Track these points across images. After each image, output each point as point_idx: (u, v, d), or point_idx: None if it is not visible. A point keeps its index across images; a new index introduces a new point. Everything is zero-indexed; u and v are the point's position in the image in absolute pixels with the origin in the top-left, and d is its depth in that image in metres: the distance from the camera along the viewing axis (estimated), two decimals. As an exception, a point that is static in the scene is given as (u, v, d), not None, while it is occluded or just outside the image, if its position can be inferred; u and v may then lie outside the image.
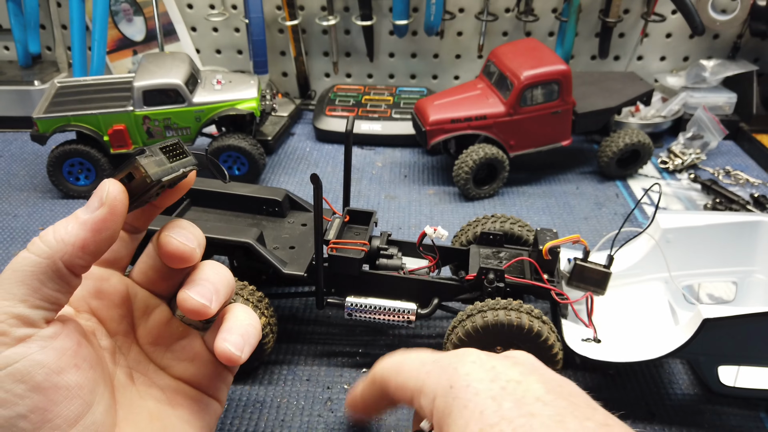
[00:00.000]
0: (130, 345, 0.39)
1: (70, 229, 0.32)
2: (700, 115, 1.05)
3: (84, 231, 0.32)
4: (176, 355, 0.40)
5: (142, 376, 0.39)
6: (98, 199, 0.33)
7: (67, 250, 0.31)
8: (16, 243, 0.83)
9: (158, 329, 0.40)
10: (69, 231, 0.32)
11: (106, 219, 0.32)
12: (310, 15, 1.20)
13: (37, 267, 0.31)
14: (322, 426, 0.56)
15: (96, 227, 0.32)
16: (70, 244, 0.31)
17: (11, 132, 1.13)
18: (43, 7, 1.17)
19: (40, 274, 0.31)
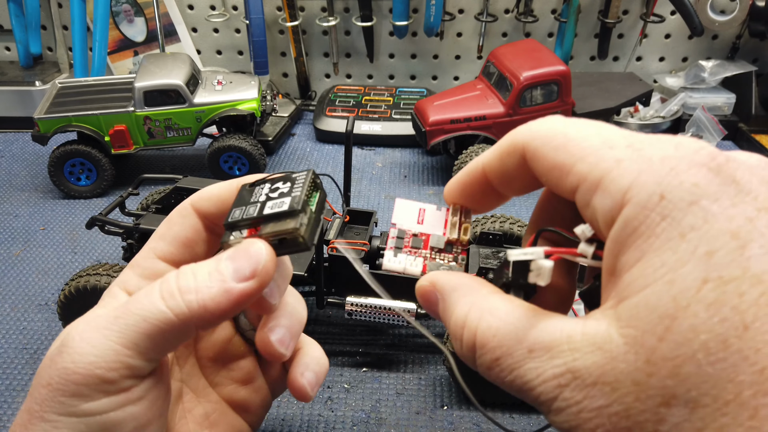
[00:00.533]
0: (188, 356, 0.38)
1: (215, 295, 0.28)
2: (699, 116, 1.06)
3: (228, 301, 0.28)
4: (231, 374, 0.38)
5: (191, 393, 0.37)
6: (252, 269, 0.28)
7: (206, 317, 0.28)
8: (17, 243, 0.83)
9: (221, 344, 0.38)
10: (213, 298, 0.28)
11: (253, 294, 0.29)
12: (311, 16, 1.21)
13: (169, 326, 0.28)
14: (323, 425, 0.56)
15: (241, 301, 0.28)
16: (210, 312, 0.28)
17: (12, 132, 1.14)
18: (44, 7, 1.18)
19: (170, 333, 0.28)
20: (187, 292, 0.28)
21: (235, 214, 0.31)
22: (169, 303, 0.28)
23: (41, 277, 0.77)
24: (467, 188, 0.31)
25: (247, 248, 0.29)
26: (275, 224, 0.29)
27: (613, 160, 0.22)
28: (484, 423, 0.57)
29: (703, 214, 0.20)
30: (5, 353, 0.65)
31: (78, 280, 0.59)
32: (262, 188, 0.32)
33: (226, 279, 0.28)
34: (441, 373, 0.62)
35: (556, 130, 0.25)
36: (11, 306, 0.72)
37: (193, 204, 0.34)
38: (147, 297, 0.28)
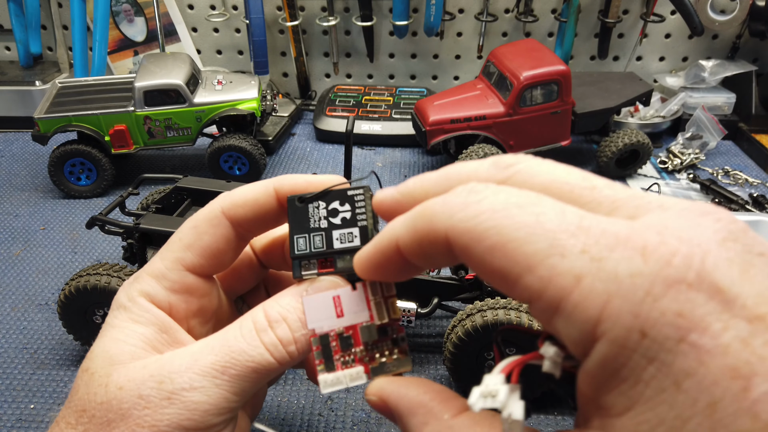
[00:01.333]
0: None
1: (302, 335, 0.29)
2: (699, 115, 1.06)
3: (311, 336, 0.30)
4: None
5: None
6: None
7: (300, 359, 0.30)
8: (17, 243, 0.83)
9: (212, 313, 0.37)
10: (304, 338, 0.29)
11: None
12: (311, 16, 1.21)
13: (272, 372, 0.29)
14: (323, 425, 0.56)
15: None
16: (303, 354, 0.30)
17: (12, 132, 1.14)
18: (44, 7, 1.18)
19: (271, 376, 0.29)
20: (288, 344, 0.29)
21: (300, 245, 0.30)
22: (275, 355, 0.29)
23: (41, 276, 0.77)
24: (381, 266, 0.26)
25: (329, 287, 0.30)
26: (349, 260, 0.29)
27: (570, 277, 0.18)
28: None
29: (695, 354, 0.17)
30: (5, 353, 0.65)
31: (78, 279, 0.59)
32: (317, 208, 0.30)
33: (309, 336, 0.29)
34: (441, 373, 0.62)
35: (484, 221, 0.20)
36: (11, 306, 0.72)
37: (225, 211, 0.32)
38: (252, 347, 0.28)
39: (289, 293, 0.30)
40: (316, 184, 0.31)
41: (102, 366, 0.28)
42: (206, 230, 0.32)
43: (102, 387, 0.28)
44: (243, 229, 0.32)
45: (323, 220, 0.30)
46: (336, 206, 0.30)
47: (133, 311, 0.31)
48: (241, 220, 0.32)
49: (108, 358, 0.29)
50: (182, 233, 0.32)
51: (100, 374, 0.28)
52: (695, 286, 0.17)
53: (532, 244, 0.19)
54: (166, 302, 0.31)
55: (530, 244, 0.19)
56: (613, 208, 0.21)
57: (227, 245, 0.32)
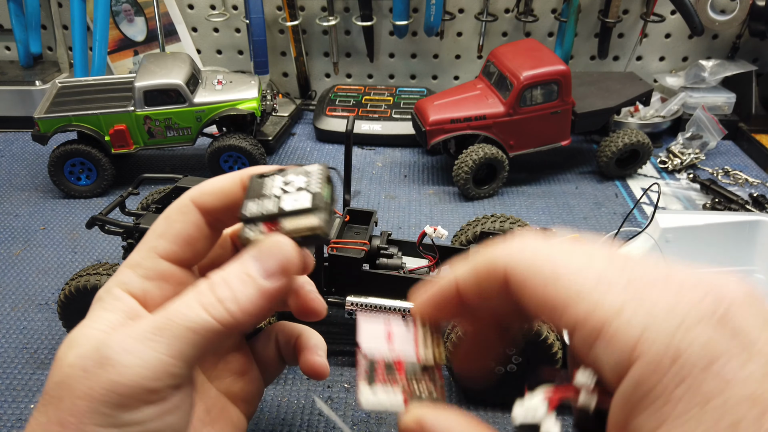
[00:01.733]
0: None
1: (252, 298, 0.29)
2: (699, 115, 1.06)
3: (265, 301, 0.29)
4: (228, 366, 0.38)
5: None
6: (280, 266, 0.29)
7: (248, 321, 0.29)
8: (17, 243, 0.83)
9: None
10: (252, 301, 0.29)
11: (285, 289, 0.30)
12: (311, 15, 1.21)
13: (214, 334, 0.28)
14: (323, 425, 0.56)
15: (275, 297, 0.29)
16: (253, 315, 0.29)
17: (12, 132, 1.14)
18: (44, 7, 1.18)
19: (215, 340, 0.28)
20: (227, 300, 0.29)
21: (251, 208, 0.30)
22: (213, 313, 0.28)
23: (41, 276, 0.77)
24: (439, 305, 0.29)
25: (272, 247, 0.29)
26: (297, 220, 0.29)
27: (613, 307, 0.21)
28: (484, 422, 0.57)
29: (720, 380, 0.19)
30: (5, 353, 0.65)
31: (78, 279, 0.59)
32: (274, 180, 0.31)
33: (258, 281, 0.29)
34: (441, 373, 0.62)
35: (541, 257, 0.24)
36: (11, 305, 0.72)
37: (193, 199, 0.33)
38: (189, 308, 0.28)
39: (234, 259, 0.30)
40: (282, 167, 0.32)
41: (64, 351, 0.29)
42: (176, 218, 0.33)
43: (57, 368, 0.29)
44: (212, 218, 0.33)
45: (278, 189, 0.30)
46: (292, 178, 0.31)
47: (105, 301, 0.31)
48: (209, 207, 0.32)
49: (70, 342, 0.29)
50: (156, 224, 0.33)
51: (59, 357, 0.29)
52: (721, 325, 0.20)
53: (582, 277, 0.22)
54: (140, 290, 0.32)
55: (581, 277, 0.22)
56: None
57: (198, 232, 0.33)
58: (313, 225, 0.29)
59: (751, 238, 0.68)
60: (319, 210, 0.29)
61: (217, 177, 0.33)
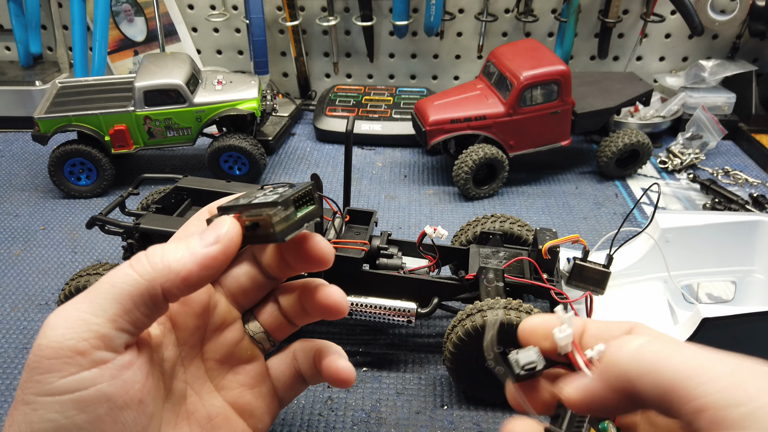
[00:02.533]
0: (193, 358, 0.36)
1: (180, 257, 0.30)
2: (699, 115, 1.06)
3: (192, 263, 0.30)
4: (238, 378, 0.37)
5: (195, 395, 0.36)
6: (216, 236, 0.31)
7: (170, 277, 0.29)
8: (17, 243, 0.83)
9: (229, 347, 0.37)
10: (178, 259, 0.30)
11: (216, 257, 0.31)
12: (311, 16, 1.21)
13: (135, 287, 0.29)
14: (323, 425, 0.56)
15: (205, 263, 0.30)
16: (175, 272, 0.29)
17: (12, 132, 1.14)
18: (44, 7, 1.18)
19: (137, 295, 0.29)
20: (153, 256, 0.30)
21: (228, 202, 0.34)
22: (135, 267, 0.29)
23: (41, 276, 0.77)
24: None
25: (216, 222, 0.32)
26: (256, 210, 0.32)
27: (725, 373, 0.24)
28: (484, 422, 0.57)
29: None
30: (5, 353, 0.65)
31: (78, 279, 0.59)
32: (265, 189, 0.34)
33: (192, 245, 0.31)
34: (441, 373, 0.62)
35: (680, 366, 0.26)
36: (11, 306, 0.72)
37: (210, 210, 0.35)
38: (116, 269, 0.30)
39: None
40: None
41: None
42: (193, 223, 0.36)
43: None
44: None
45: (261, 193, 0.34)
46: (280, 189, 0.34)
47: None
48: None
49: None
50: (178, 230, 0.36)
51: None
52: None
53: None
54: None
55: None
56: None
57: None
58: (263, 214, 0.31)
59: (751, 239, 0.68)
60: (276, 204, 0.31)
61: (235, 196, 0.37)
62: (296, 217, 0.32)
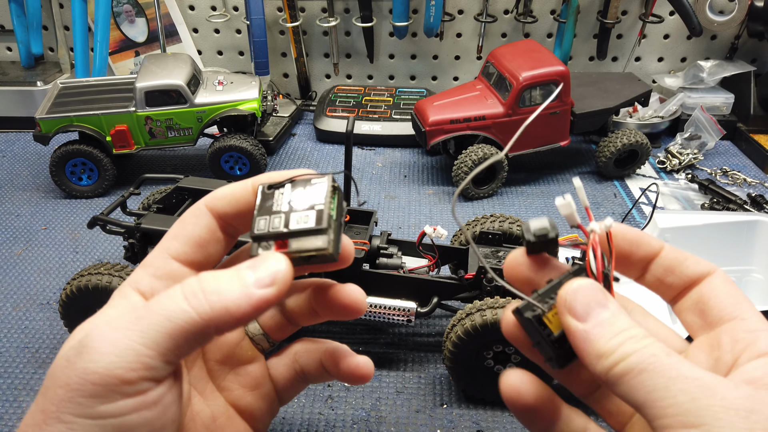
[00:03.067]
0: (195, 359, 0.37)
1: (237, 299, 0.29)
2: (697, 116, 1.06)
3: (248, 305, 0.29)
4: (239, 379, 0.38)
5: (198, 395, 0.36)
6: (272, 277, 0.29)
7: (227, 320, 0.28)
8: (19, 242, 0.83)
9: (229, 347, 0.37)
10: (235, 301, 0.29)
11: (270, 301, 0.29)
12: (311, 17, 1.21)
13: (192, 326, 0.28)
14: (323, 423, 0.56)
15: (259, 306, 0.29)
16: (232, 315, 0.28)
17: (14, 132, 1.14)
18: (45, 8, 1.18)
19: (191, 334, 0.28)
20: (210, 293, 0.28)
21: (260, 225, 0.31)
22: (192, 302, 0.28)
23: (43, 276, 0.77)
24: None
25: (268, 258, 0.30)
26: (303, 241, 0.30)
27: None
28: (484, 421, 0.57)
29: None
30: (7, 352, 0.65)
31: (80, 279, 0.59)
32: (282, 193, 0.32)
33: (248, 284, 0.29)
34: (441, 372, 0.63)
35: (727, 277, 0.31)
36: (13, 305, 0.72)
37: (207, 204, 0.33)
38: (169, 298, 0.28)
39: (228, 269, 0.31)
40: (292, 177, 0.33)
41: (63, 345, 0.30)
42: (190, 221, 0.33)
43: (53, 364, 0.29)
44: (224, 222, 0.34)
45: (285, 204, 0.31)
46: (300, 191, 0.31)
47: (114, 299, 0.32)
48: (221, 211, 0.33)
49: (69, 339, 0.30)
50: (171, 227, 0.34)
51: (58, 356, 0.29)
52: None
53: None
54: (148, 287, 0.32)
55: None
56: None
57: (210, 235, 0.33)
58: (318, 247, 0.30)
59: (750, 238, 0.69)
60: (323, 231, 0.30)
61: (232, 183, 0.34)
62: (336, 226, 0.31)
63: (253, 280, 0.29)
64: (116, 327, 0.28)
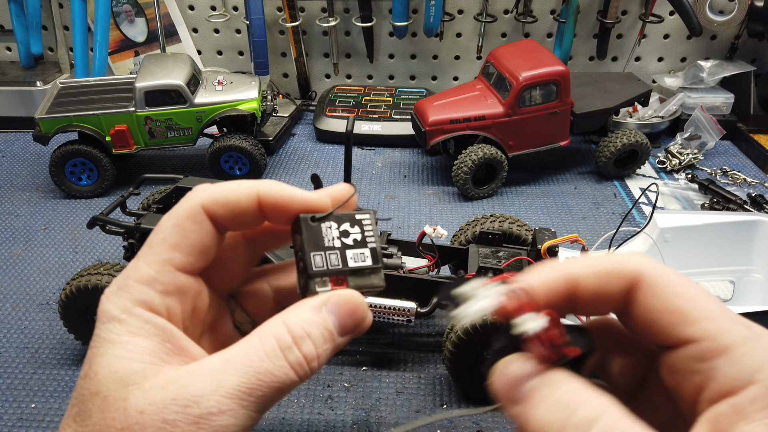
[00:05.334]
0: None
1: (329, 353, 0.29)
2: (697, 116, 1.06)
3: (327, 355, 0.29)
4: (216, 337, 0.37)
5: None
6: (356, 324, 0.30)
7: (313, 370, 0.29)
8: (19, 242, 0.83)
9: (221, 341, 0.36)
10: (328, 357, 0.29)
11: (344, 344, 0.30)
12: (311, 16, 1.21)
13: (288, 390, 0.28)
14: (323, 424, 0.56)
15: (337, 350, 0.30)
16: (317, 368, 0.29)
17: (13, 132, 1.14)
18: (45, 8, 1.18)
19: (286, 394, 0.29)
20: (312, 360, 0.29)
21: (317, 262, 0.31)
22: (299, 373, 0.28)
23: (42, 276, 0.77)
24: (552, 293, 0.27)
25: (349, 303, 0.30)
26: (360, 279, 0.31)
27: (739, 336, 0.25)
28: (483, 422, 0.57)
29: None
30: (6, 352, 0.65)
31: (79, 279, 0.59)
32: (330, 228, 0.32)
33: (336, 338, 0.29)
34: (441, 372, 0.63)
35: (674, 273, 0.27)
36: (12, 305, 0.72)
37: (205, 207, 0.31)
38: (278, 368, 0.28)
39: (307, 307, 0.30)
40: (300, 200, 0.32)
41: (115, 389, 0.27)
42: (191, 228, 0.31)
43: (120, 412, 0.27)
44: (220, 226, 0.32)
45: (336, 240, 0.32)
46: (347, 228, 0.32)
47: (130, 323, 0.29)
48: (220, 218, 0.31)
49: (119, 379, 0.28)
50: (165, 233, 0.31)
51: (114, 398, 0.27)
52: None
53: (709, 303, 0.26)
54: (163, 307, 0.30)
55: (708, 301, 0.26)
56: None
57: (212, 240, 0.32)
58: (376, 284, 0.31)
59: (750, 238, 0.69)
60: (378, 269, 0.31)
61: (230, 185, 0.32)
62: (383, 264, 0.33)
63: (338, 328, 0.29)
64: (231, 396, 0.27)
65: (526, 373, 0.26)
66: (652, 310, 0.26)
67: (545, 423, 0.24)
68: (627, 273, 0.27)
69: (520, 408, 0.26)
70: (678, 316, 0.25)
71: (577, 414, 0.24)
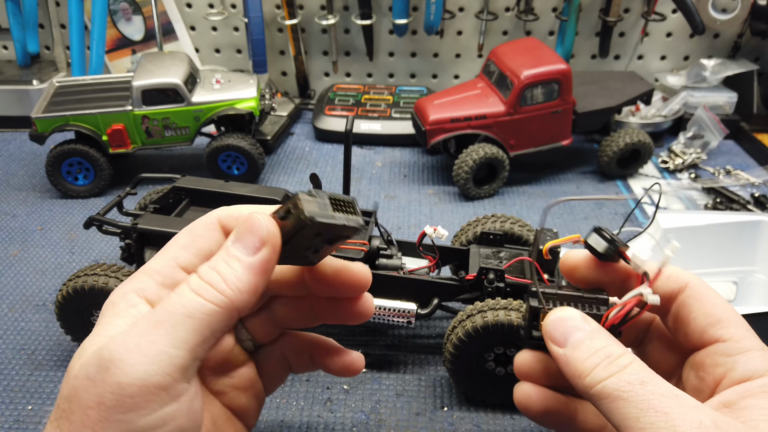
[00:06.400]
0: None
1: (240, 275, 0.30)
2: (700, 115, 1.05)
3: (254, 275, 0.30)
4: (232, 381, 0.38)
5: None
6: (259, 239, 0.30)
7: (243, 298, 0.29)
8: (15, 243, 0.83)
9: (223, 355, 0.38)
10: (240, 278, 0.29)
11: (270, 259, 0.30)
12: (310, 14, 1.20)
13: (213, 316, 0.28)
14: (322, 426, 0.56)
15: (263, 269, 0.30)
16: (245, 292, 0.29)
17: (10, 132, 1.13)
18: (41, 6, 1.17)
19: (215, 323, 0.29)
20: (217, 282, 0.29)
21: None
22: (206, 296, 0.29)
23: (39, 277, 0.76)
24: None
25: (249, 224, 0.31)
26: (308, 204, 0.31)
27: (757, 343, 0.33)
28: (485, 424, 0.56)
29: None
30: (3, 354, 0.64)
31: (76, 280, 0.59)
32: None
33: (241, 257, 0.30)
34: (441, 374, 0.62)
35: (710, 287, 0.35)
36: (9, 306, 0.71)
37: (221, 221, 0.33)
38: (182, 297, 0.29)
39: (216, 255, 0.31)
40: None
41: (72, 362, 0.29)
42: (202, 234, 0.33)
43: (66, 380, 0.28)
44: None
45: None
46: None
47: (118, 306, 0.31)
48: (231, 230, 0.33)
49: (78, 352, 0.29)
50: (179, 236, 0.34)
51: (68, 369, 0.29)
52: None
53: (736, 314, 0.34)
54: (156, 295, 0.32)
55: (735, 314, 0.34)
56: None
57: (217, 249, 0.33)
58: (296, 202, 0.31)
59: (753, 239, 0.68)
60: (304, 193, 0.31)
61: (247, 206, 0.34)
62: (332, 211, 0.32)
63: (243, 250, 0.30)
64: (138, 335, 0.28)
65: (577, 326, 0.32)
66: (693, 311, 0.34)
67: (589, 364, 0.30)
68: (681, 279, 0.35)
69: (567, 350, 0.32)
70: (713, 319, 0.33)
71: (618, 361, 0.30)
